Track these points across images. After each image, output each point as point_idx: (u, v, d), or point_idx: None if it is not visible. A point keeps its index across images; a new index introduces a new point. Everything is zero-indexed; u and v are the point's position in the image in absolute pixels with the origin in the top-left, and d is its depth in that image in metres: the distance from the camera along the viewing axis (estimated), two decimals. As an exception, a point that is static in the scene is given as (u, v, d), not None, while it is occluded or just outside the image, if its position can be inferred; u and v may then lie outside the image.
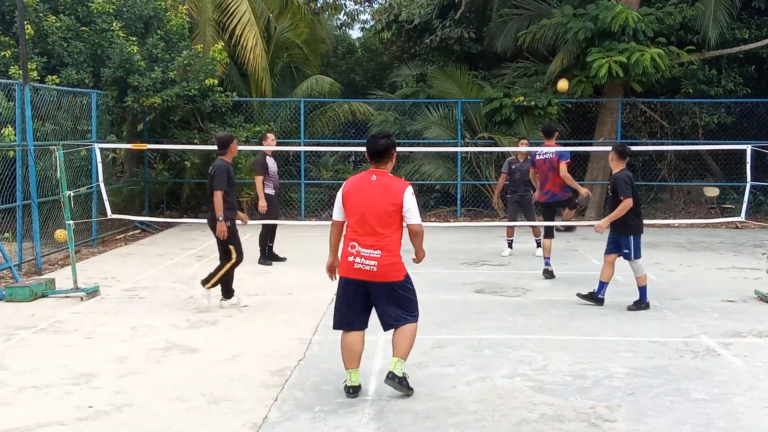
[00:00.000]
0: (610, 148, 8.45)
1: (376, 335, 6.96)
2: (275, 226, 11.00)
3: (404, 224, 5.27)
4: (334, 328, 5.41)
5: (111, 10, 13.41)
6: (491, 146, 15.75)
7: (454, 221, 15.75)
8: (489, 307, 8.09)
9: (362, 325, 5.34)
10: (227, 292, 8.08)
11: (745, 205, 9.99)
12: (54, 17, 13.03)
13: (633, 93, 16.57)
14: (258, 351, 6.42)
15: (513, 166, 11.39)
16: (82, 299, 8.39)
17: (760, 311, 7.96)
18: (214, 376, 5.76)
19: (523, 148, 11.18)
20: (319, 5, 22.40)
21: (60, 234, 9.99)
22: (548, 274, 9.64)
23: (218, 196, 7.77)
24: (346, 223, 5.33)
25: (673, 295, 8.74)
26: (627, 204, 7.86)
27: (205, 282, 7.97)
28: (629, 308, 7.93)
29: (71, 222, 8.87)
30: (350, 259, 5.17)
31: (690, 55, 15.73)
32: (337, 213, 5.38)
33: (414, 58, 20.51)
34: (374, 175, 5.25)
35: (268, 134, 11.11)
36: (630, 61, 14.31)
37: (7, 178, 10.22)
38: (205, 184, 16.72)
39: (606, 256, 8.21)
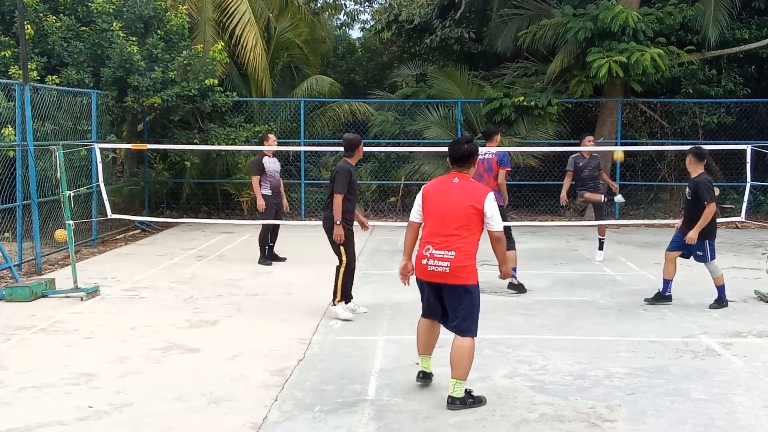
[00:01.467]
0: (610, 148, 8.45)
1: (376, 335, 6.98)
2: (277, 226, 10.99)
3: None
4: (422, 314, 5.54)
5: (111, 10, 13.40)
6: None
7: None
8: (489, 307, 8.08)
9: (438, 318, 5.39)
10: (345, 298, 7.69)
11: (745, 205, 9.99)
12: (54, 17, 13.02)
13: (633, 93, 16.57)
14: (258, 351, 6.42)
15: (580, 163, 11.15)
16: (82, 299, 8.39)
17: (760, 311, 7.96)
18: (214, 376, 5.76)
19: (588, 148, 11.05)
20: (319, 5, 22.41)
21: (60, 234, 9.98)
22: (515, 288, 8.90)
23: (338, 200, 7.38)
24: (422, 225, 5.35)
25: (673, 295, 8.73)
26: (712, 209, 7.85)
27: (333, 299, 7.61)
28: (711, 307, 7.99)
29: (71, 222, 8.88)
30: (423, 261, 5.17)
31: (690, 55, 15.73)
32: (415, 214, 5.40)
33: (414, 58, 20.51)
34: (456, 178, 5.24)
35: (269, 135, 11.05)
36: (630, 61, 14.31)
37: (7, 178, 10.22)
38: (205, 184, 16.86)
39: (667, 254, 8.23)
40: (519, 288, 8.91)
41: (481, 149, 9.35)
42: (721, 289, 8.08)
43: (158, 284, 9.35)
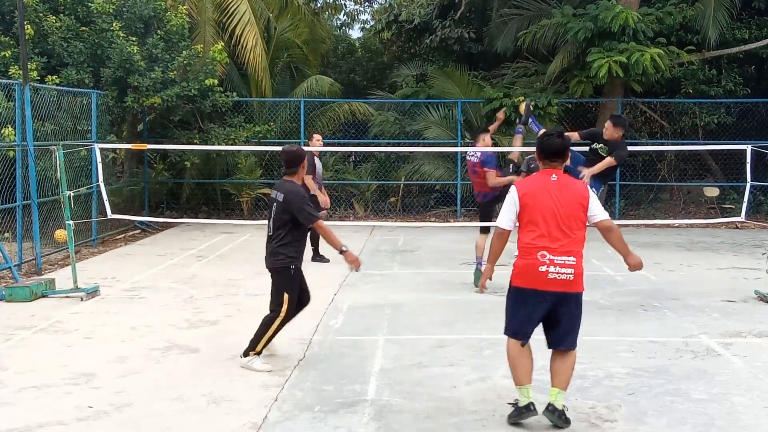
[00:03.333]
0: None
1: (376, 335, 6.98)
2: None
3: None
4: (509, 335, 4.90)
5: (111, 10, 13.40)
6: (491, 146, 15.71)
7: (454, 221, 15.75)
8: (489, 307, 8.08)
9: (527, 338, 4.91)
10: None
11: (745, 205, 9.98)
12: (54, 17, 13.02)
13: (633, 93, 16.57)
14: (258, 351, 6.42)
15: (532, 165, 11.12)
16: (82, 299, 8.39)
17: (760, 311, 7.96)
18: (214, 376, 5.76)
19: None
20: (319, 5, 22.42)
21: (60, 234, 9.99)
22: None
23: (321, 228, 6.19)
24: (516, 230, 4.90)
25: (673, 295, 8.74)
26: (610, 162, 8.09)
27: (249, 349, 6.07)
28: None
29: (71, 222, 8.87)
30: (542, 269, 4.68)
31: (690, 55, 15.73)
32: (508, 221, 4.89)
33: (414, 58, 20.51)
34: (554, 175, 4.84)
35: (314, 135, 11.25)
36: (630, 61, 14.31)
37: (7, 178, 10.22)
38: (205, 184, 16.86)
39: None
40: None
41: (468, 150, 9.43)
42: None
43: (158, 284, 9.35)
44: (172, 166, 15.80)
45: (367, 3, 26.38)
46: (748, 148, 9.67)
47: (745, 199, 9.99)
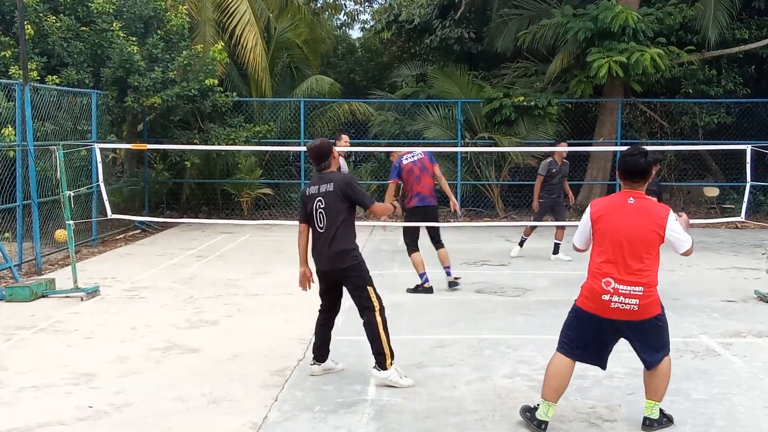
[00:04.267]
0: (610, 148, 8.45)
1: (376, 335, 6.97)
2: None
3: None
4: (558, 347, 4.80)
5: (111, 10, 13.40)
6: (491, 146, 15.76)
7: (454, 221, 15.75)
8: (489, 307, 8.09)
9: (592, 360, 4.78)
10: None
11: (745, 205, 9.97)
12: (54, 17, 13.02)
13: (633, 93, 16.58)
14: (258, 351, 6.42)
15: (553, 169, 11.02)
16: (82, 299, 8.39)
17: (760, 311, 7.96)
18: (214, 376, 5.76)
19: (562, 148, 11.04)
20: (319, 5, 22.42)
21: (60, 234, 10.00)
22: (454, 285, 8.98)
23: (384, 205, 6.12)
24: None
25: (673, 295, 8.73)
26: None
27: (383, 361, 5.54)
28: None
29: (71, 222, 8.87)
30: (606, 297, 4.50)
31: (690, 55, 15.73)
32: (584, 241, 4.76)
33: (414, 58, 20.52)
34: (632, 198, 4.58)
35: (342, 135, 11.01)
36: (630, 61, 14.31)
37: (7, 178, 10.22)
38: (205, 184, 16.86)
39: None
40: (454, 284, 9.03)
41: (408, 150, 9.49)
42: None
43: (158, 284, 9.35)
44: (172, 166, 15.80)
45: (367, 3, 26.39)
46: (748, 148, 9.66)
47: (745, 199, 9.98)
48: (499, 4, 18.17)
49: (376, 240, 13.27)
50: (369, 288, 5.63)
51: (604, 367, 4.84)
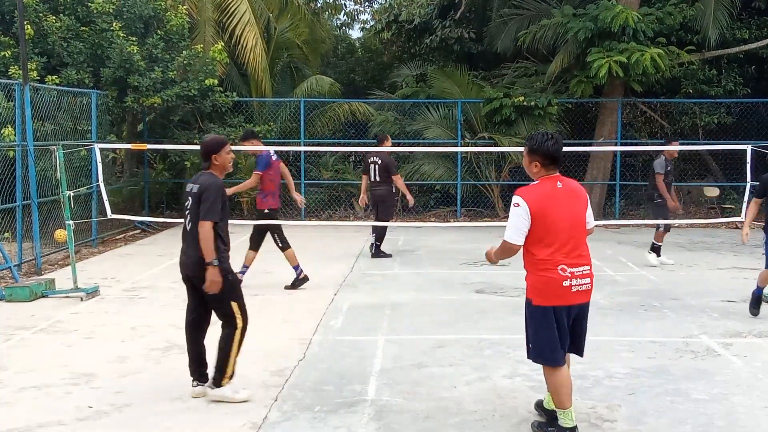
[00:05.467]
0: (610, 148, 8.44)
1: (376, 335, 6.98)
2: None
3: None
4: (541, 362, 4.60)
5: (111, 10, 13.41)
6: (491, 146, 15.76)
7: (454, 221, 15.75)
8: (489, 307, 8.09)
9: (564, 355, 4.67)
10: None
11: (745, 205, 9.96)
12: (54, 17, 13.03)
13: (633, 93, 16.57)
14: (258, 351, 6.41)
15: (668, 167, 10.62)
16: (82, 299, 8.39)
17: (760, 311, 7.95)
18: (214, 376, 5.75)
19: (673, 147, 10.70)
20: (319, 5, 22.42)
21: (60, 234, 9.99)
22: (299, 283, 9.07)
23: (206, 229, 5.12)
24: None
25: (673, 295, 8.74)
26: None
27: (219, 378, 5.23)
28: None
29: (71, 222, 8.87)
30: (566, 283, 4.43)
31: (690, 55, 15.73)
32: (521, 236, 4.50)
33: (414, 58, 20.52)
34: (559, 182, 4.58)
35: (387, 135, 11.73)
36: (630, 61, 14.31)
37: (7, 178, 10.22)
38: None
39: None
40: (303, 280, 9.13)
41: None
42: None
43: (158, 284, 9.35)
44: (172, 166, 15.80)
45: (367, 3, 26.40)
46: (748, 148, 9.66)
47: (745, 199, 9.96)
48: (499, 4, 18.16)
49: (376, 240, 13.26)
50: (233, 303, 5.19)
51: (562, 364, 4.60)
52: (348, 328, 7.24)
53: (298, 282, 9.09)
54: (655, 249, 10.80)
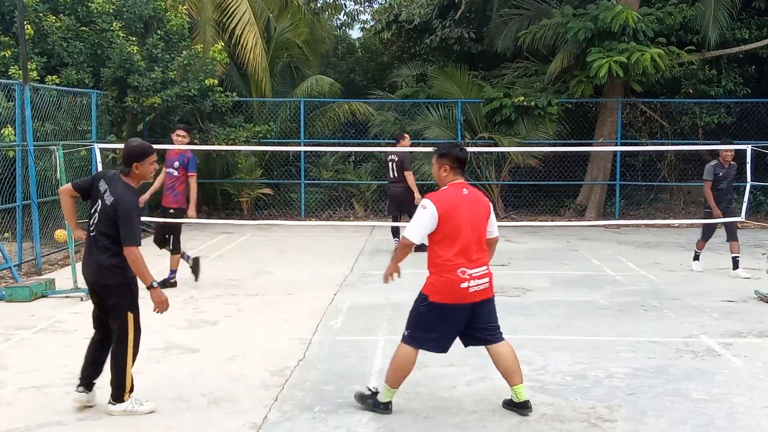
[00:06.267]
0: (610, 148, 8.43)
1: (376, 335, 6.98)
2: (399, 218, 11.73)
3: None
4: (419, 347, 4.95)
5: (111, 10, 13.40)
6: (491, 146, 15.77)
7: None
8: (489, 307, 8.08)
9: (435, 349, 5.07)
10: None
11: (745, 205, 9.98)
12: (54, 17, 13.02)
13: (633, 93, 16.57)
14: (258, 351, 6.42)
15: (719, 173, 9.84)
16: (82, 299, 8.38)
17: (760, 311, 7.96)
18: (214, 376, 5.76)
19: (726, 147, 9.88)
20: (319, 5, 22.42)
21: (60, 234, 9.98)
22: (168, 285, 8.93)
23: (135, 254, 4.89)
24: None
25: (673, 295, 8.74)
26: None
27: (120, 393, 5.00)
28: None
29: (71, 222, 8.85)
30: (464, 285, 4.80)
31: (690, 55, 15.73)
32: (421, 236, 4.87)
33: (414, 58, 20.52)
34: (465, 189, 4.94)
35: (405, 134, 11.87)
36: (630, 61, 14.31)
37: (7, 178, 10.22)
38: (205, 184, 16.77)
39: None
40: (171, 285, 9.06)
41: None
42: None
43: (158, 284, 9.32)
44: (172, 166, 15.78)
45: (367, 3, 26.41)
46: (748, 148, 9.66)
47: (745, 199, 9.98)
48: (499, 4, 18.17)
49: (377, 240, 13.28)
50: (130, 314, 5.02)
51: (446, 352, 5.10)
52: (348, 328, 7.24)
53: (168, 284, 8.99)
54: (697, 255, 10.43)
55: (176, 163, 9.21)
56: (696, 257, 10.49)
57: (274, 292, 8.90)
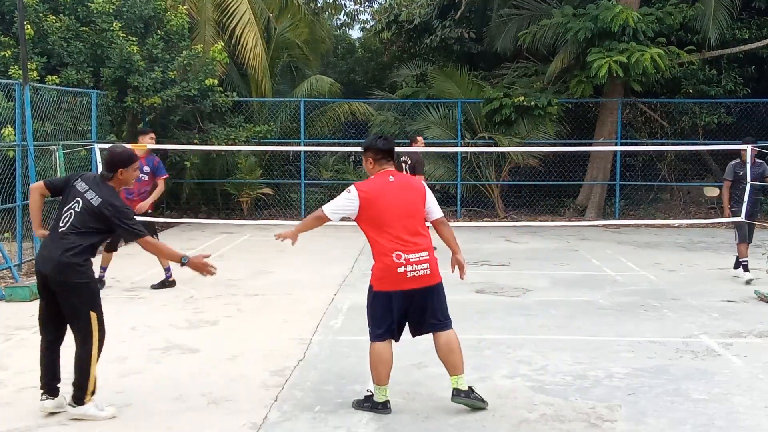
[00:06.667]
0: (610, 148, 8.42)
1: (376, 335, 6.97)
2: None
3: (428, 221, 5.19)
4: (380, 338, 4.96)
5: (111, 10, 13.40)
6: (491, 146, 15.77)
7: (454, 221, 15.75)
8: (489, 307, 8.09)
9: (395, 336, 5.08)
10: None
11: (745, 205, 9.97)
12: (54, 17, 13.03)
13: (633, 93, 16.58)
14: (258, 351, 6.42)
15: (740, 172, 9.60)
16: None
17: (760, 311, 7.96)
18: (214, 376, 5.76)
19: (746, 145, 9.58)
20: (319, 5, 22.41)
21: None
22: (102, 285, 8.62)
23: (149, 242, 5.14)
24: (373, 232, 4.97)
25: (673, 295, 8.74)
26: None
27: (81, 395, 4.88)
28: None
29: (71, 222, 8.85)
30: (401, 270, 4.85)
31: (690, 55, 15.74)
32: (336, 215, 5.02)
33: (414, 58, 20.52)
34: (391, 176, 5.04)
35: (419, 137, 11.77)
36: (630, 61, 14.31)
37: (7, 178, 10.21)
38: (205, 184, 16.86)
39: None
40: (100, 282, 8.56)
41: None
42: None
43: (158, 284, 9.34)
44: (172, 166, 15.75)
45: (367, 3, 26.40)
46: (748, 148, 9.66)
47: (746, 199, 9.97)
48: (499, 4, 18.17)
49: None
50: (92, 313, 4.88)
51: (398, 340, 5.09)
52: (348, 328, 7.24)
53: (168, 284, 9.04)
54: (743, 265, 9.59)
55: (146, 168, 9.34)
56: (745, 268, 9.52)
57: (274, 292, 8.90)
